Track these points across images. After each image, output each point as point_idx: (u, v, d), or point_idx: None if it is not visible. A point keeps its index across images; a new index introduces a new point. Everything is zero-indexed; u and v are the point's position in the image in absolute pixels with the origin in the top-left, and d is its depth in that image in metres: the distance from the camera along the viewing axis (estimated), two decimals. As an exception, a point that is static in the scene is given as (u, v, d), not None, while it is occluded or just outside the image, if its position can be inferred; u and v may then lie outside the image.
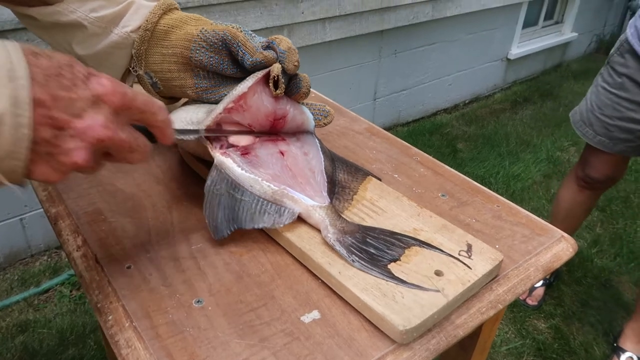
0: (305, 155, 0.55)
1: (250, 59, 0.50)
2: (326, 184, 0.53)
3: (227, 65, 0.52)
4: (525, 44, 3.35)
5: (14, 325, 1.43)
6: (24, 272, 1.63)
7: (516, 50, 3.25)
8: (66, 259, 1.70)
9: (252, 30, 0.53)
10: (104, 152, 0.37)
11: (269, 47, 0.51)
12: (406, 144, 0.70)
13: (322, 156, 0.55)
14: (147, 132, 0.41)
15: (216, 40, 0.50)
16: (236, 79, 0.53)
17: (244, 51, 0.50)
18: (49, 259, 1.70)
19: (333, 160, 0.58)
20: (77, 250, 0.49)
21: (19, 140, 0.31)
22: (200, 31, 0.51)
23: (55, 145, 0.33)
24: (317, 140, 0.57)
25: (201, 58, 0.51)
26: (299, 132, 0.56)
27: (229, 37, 0.50)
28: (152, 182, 0.59)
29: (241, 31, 0.50)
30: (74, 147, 0.34)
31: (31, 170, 0.34)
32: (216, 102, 0.53)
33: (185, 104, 0.57)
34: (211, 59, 0.51)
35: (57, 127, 0.33)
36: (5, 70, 0.30)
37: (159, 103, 0.40)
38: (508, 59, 3.25)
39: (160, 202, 0.55)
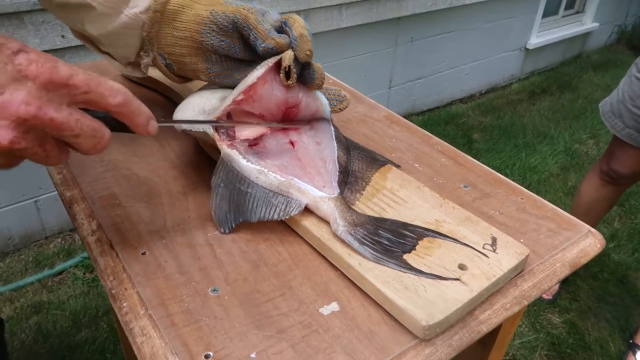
0: (318, 144, 0.53)
1: (262, 45, 0.48)
2: (337, 174, 0.51)
3: (238, 49, 0.50)
4: (544, 34, 3.28)
5: (28, 305, 1.44)
6: (38, 253, 1.64)
7: (535, 39, 3.18)
8: (80, 242, 1.71)
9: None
10: (56, 138, 0.35)
11: (281, 28, 0.49)
12: (427, 132, 0.68)
13: (335, 145, 0.54)
14: (121, 123, 0.38)
15: (227, 24, 0.48)
16: (249, 61, 0.51)
17: (255, 35, 0.48)
18: (63, 242, 1.71)
19: (349, 149, 0.56)
20: (91, 235, 0.48)
21: None
22: (210, 13, 0.49)
23: None
24: (332, 128, 0.55)
25: (212, 42, 0.49)
26: (313, 120, 0.55)
27: (240, 20, 0.48)
28: (168, 167, 0.58)
29: (252, 12, 0.48)
30: None
31: None
32: (230, 87, 0.52)
33: (202, 88, 0.56)
34: (222, 43, 0.49)
35: None
36: None
37: (113, 85, 0.36)
38: (526, 49, 3.19)
39: (176, 187, 0.54)
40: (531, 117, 2.77)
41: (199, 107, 0.51)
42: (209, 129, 0.49)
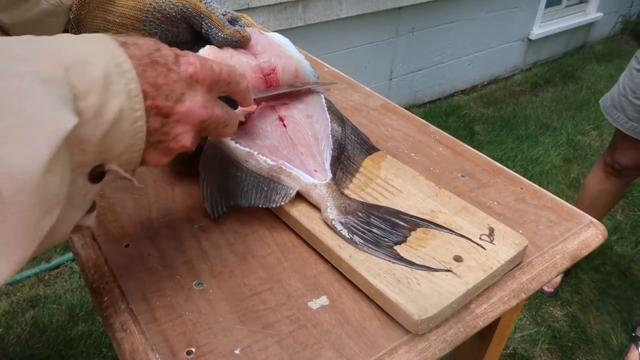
0: (309, 117, 0.50)
1: (222, 35, 0.46)
2: (331, 152, 0.49)
3: (183, 35, 0.49)
4: (547, 24, 3.24)
5: (24, 299, 1.43)
6: (35, 247, 1.63)
7: (538, 30, 3.14)
8: (77, 236, 1.69)
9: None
10: (201, 130, 0.38)
11: (233, 20, 0.49)
12: (424, 121, 0.66)
13: (328, 117, 0.51)
14: (228, 100, 0.41)
15: (174, 14, 0.46)
16: (189, 42, 0.50)
17: (209, 24, 0.46)
18: (61, 235, 1.70)
19: (343, 121, 0.53)
20: (74, 227, 0.47)
21: (137, 133, 0.31)
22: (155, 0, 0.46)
23: (164, 133, 0.34)
24: (323, 99, 0.53)
25: (156, 31, 0.47)
26: (302, 94, 0.52)
27: (190, 11, 0.46)
28: (155, 157, 0.56)
29: (201, 0, 0.46)
30: (181, 132, 0.34)
31: (144, 159, 0.34)
32: None
33: None
34: (167, 32, 0.47)
35: (163, 115, 0.33)
36: (114, 66, 0.29)
37: (239, 71, 0.39)
38: (529, 39, 3.15)
39: (162, 177, 0.52)
40: (534, 109, 2.74)
41: None
42: None
